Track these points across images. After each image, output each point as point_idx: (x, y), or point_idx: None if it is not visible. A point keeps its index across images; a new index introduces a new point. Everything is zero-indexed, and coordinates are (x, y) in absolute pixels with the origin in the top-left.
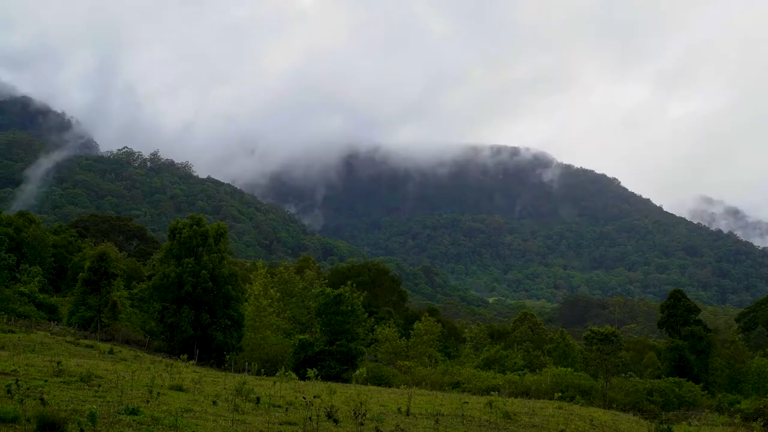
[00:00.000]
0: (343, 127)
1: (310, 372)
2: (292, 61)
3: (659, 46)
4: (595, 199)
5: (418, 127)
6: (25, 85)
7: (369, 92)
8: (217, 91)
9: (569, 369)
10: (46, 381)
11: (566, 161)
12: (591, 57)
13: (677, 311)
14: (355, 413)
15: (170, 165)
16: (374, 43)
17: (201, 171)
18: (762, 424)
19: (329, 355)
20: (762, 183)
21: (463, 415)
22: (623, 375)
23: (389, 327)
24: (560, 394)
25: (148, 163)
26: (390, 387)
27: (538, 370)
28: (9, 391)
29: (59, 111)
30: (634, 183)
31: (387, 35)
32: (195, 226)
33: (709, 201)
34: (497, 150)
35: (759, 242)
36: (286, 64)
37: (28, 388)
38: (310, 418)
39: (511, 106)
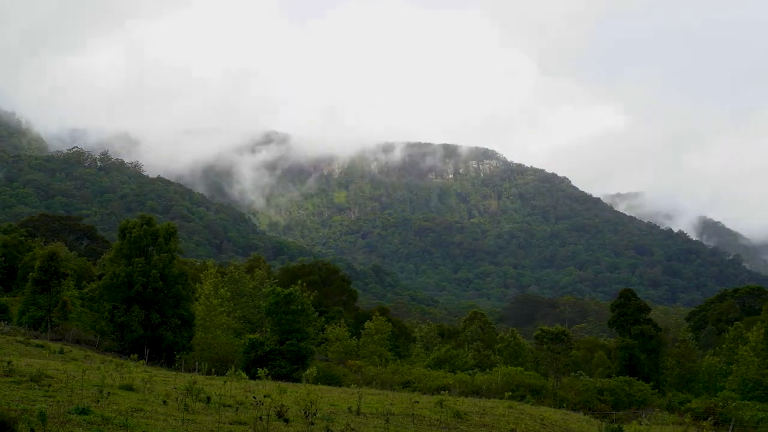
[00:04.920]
0: (291, 122)
1: (261, 371)
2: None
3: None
4: (545, 198)
5: (369, 124)
6: None
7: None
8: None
9: (520, 368)
10: None
11: (516, 160)
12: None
13: (627, 310)
14: (305, 412)
15: (120, 164)
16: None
17: (151, 171)
18: (712, 422)
19: (279, 355)
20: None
21: (413, 414)
22: (574, 374)
23: (339, 326)
24: (511, 393)
25: (98, 162)
26: (340, 386)
27: (488, 370)
28: None
29: None
30: (584, 182)
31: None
32: (145, 226)
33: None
34: (448, 149)
35: (708, 240)
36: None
37: None
38: (260, 417)
39: (464, 105)
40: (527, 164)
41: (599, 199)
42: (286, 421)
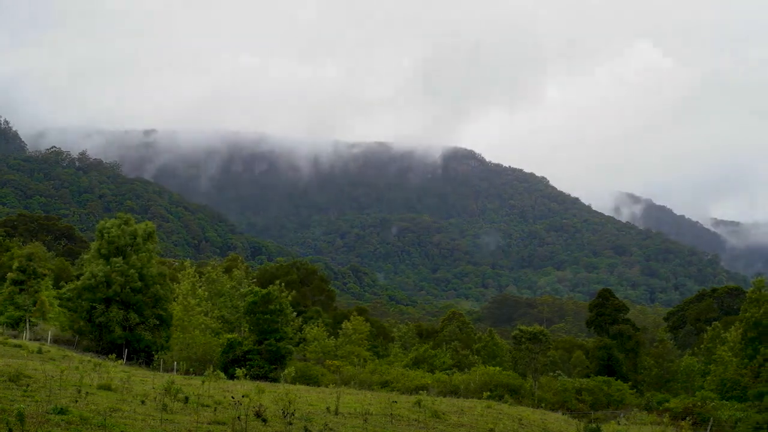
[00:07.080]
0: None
1: (239, 371)
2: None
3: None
4: (523, 198)
5: (347, 125)
6: None
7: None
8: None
9: (498, 368)
10: None
11: (495, 160)
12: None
13: (606, 310)
14: (283, 412)
15: (98, 164)
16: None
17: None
18: (690, 422)
19: (258, 355)
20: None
21: (391, 414)
22: (552, 374)
23: (318, 326)
24: (489, 393)
25: (76, 162)
26: (318, 386)
27: (466, 369)
28: None
29: None
30: (562, 182)
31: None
32: (123, 226)
33: (635, 199)
34: (426, 149)
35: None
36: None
37: None
38: (238, 417)
39: (442, 106)
40: (505, 164)
41: (578, 198)
42: (265, 421)
